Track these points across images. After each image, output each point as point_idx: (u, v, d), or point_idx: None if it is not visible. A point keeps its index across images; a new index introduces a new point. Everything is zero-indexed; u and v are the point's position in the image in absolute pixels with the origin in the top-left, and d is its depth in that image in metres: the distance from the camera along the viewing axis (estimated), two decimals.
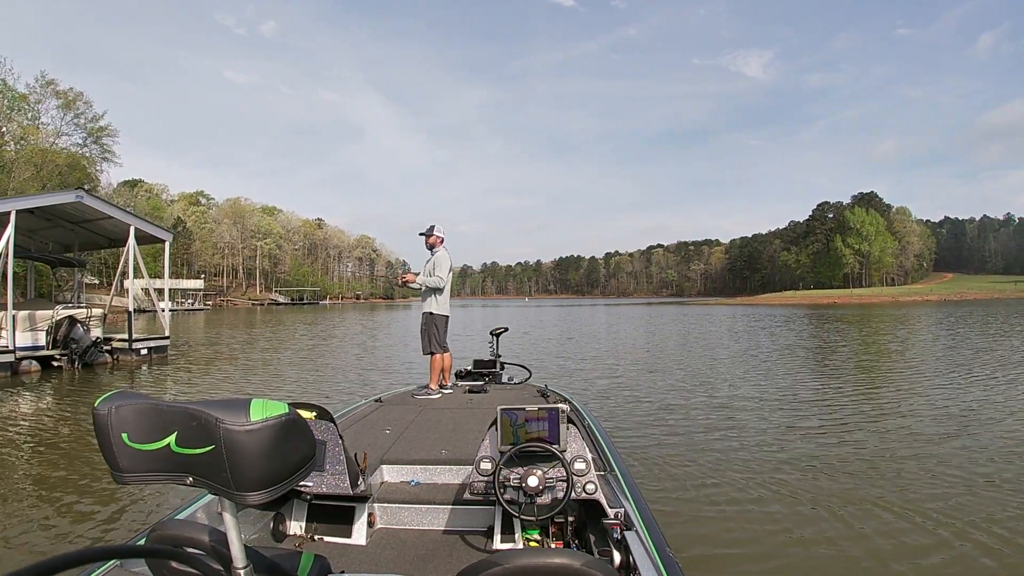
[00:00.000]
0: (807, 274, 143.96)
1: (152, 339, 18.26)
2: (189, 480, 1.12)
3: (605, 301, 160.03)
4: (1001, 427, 7.91)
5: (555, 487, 2.81)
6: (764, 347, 20.07)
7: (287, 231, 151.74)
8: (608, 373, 14.04)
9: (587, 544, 2.87)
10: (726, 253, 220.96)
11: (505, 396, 6.10)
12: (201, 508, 2.80)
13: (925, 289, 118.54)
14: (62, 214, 17.27)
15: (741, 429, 8.14)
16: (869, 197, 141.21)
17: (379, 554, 3.03)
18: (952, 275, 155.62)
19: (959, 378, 12.10)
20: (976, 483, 5.70)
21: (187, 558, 1.26)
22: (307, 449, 1.17)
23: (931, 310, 51.13)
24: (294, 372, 15.11)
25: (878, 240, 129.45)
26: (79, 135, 59.84)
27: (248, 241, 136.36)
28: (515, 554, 1.32)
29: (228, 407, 1.06)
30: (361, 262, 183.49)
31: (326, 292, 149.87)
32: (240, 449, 1.04)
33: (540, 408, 2.93)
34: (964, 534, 4.52)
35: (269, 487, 1.09)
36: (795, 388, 11.52)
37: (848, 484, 5.79)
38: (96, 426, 1.13)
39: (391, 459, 3.83)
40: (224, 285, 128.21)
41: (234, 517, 1.19)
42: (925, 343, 20.37)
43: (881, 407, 9.54)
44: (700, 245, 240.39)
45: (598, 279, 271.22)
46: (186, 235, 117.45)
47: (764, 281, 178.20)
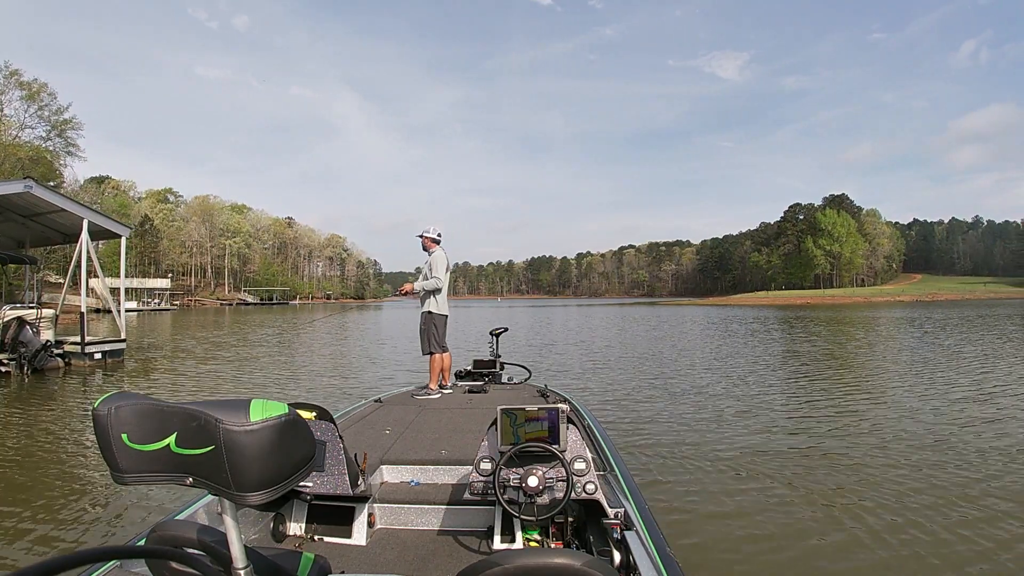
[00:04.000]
0: (778, 275, 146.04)
1: (107, 342, 16.93)
2: (189, 480, 1.12)
3: (577, 301, 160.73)
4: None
5: (555, 487, 2.82)
6: (757, 349, 19.80)
7: (256, 230, 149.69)
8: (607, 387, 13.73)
9: (587, 544, 2.89)
10: (697, 254, 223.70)
11: (505, 396, 6.11)
12: (201, 508, 2.78)
13: (896, 290, 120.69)
14: (11, 206, 16.23)
15: (741, 429, 8.16)
16: (840, 199, 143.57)
17: (379, 554, 3.03)
18: (920, 276, 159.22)
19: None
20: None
21: (187, 558, 1.26)
22: (307, 449, 1.17)
23: (915, 311, 50.80)
24: (258, 378, 14.24)
25: (849, 241, 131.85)
26: (43, 128, 58.24)
27: (217, 240, 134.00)
28: (515, 554, 1.32)
29: (228, 407, 1.07)
30: (332, 261, 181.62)
31: (296, 292, 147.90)
32: (240, 449, 1.05)
33: (540, 408, 2.93)
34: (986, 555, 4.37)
35: (269, 487, 1.09)
36: (795, 388, 11.55)
37: (848, 483, 5.82)
38: (96, 427, 1.13)
39: (391, 459, 3.82)
40: (192, 284, 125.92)
41: (234, 517, 1.19)
42: (939, 348, 19.00)
43: (884, 409, 9.47)
44: (671, 246, 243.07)
45: (570, 279, 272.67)
46: (153, 233, 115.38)
47: (735, 282, 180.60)
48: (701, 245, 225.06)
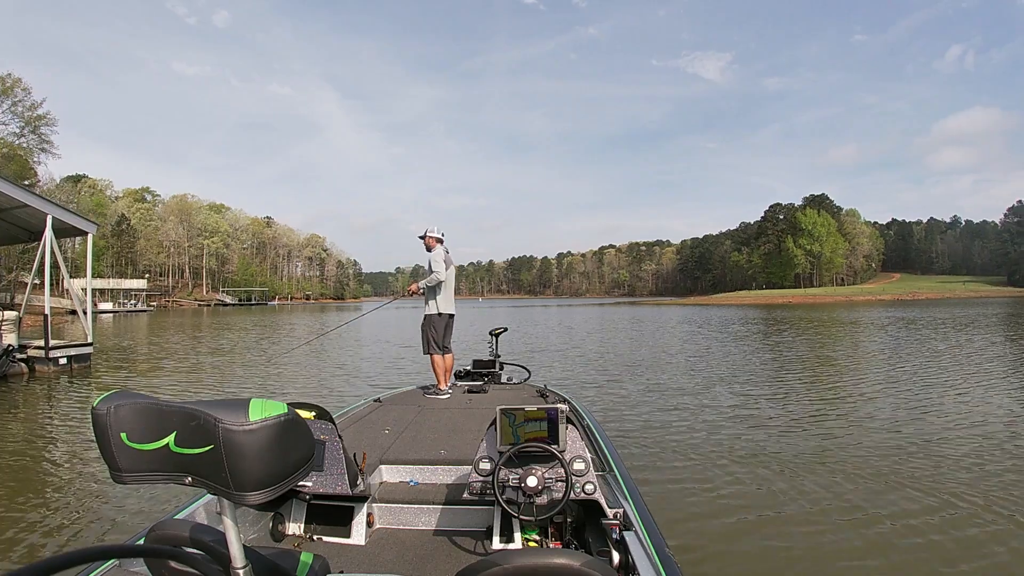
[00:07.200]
0: (759, 274, 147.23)
1: (72, 346, 16.01)
2: (188, 480, 1.12)
3: (558, 301, 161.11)
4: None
5: (554, 487, 2.82)
6: (752, 350, 19.50)
7: (235, 229, 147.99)
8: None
9: (586, 544, 2.90)
10: (677, 254, 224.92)
11: (504, 396, 6.11)
12: (200, 508, 2.77)
13: (877, 289, 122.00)
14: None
15: (741, 430, 8.14)
16: (820, 199, 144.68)
17: (378, 554, 3.03)
18: (899, 275, 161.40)
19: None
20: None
21: (186, 558, 1.26)
22: (306, 449, 1.17)
23: (899, 310, 51.17)
24: (233, 387, 13.50)
25: (829, 241, 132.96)
26: (16, 124, 56.70)
27: (195, 239, 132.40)
28: (514, 554, 1.33)
29: (227, 407, 1.07)
30: (311, 261, 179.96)
31: (275, 292, 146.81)
32: (239, 449, 1.04)
33: (539, 408, 2.93)
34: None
35: (268, 487, 1.09)
36: (795, 388, 11.56)
37: (848, 484, 5.82)
38: (95, 426, 1.13)
39: (390, 459, 3.80)
40: (170, 285, 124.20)
41: (233, 517, 1.19)
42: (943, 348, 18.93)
43: (883, 409, 9.39)
44: (652, 246, 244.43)
45: (550, 279, 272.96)
46: (130, 233, 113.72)
47: (715, 281, 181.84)
48: (681, 245, 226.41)
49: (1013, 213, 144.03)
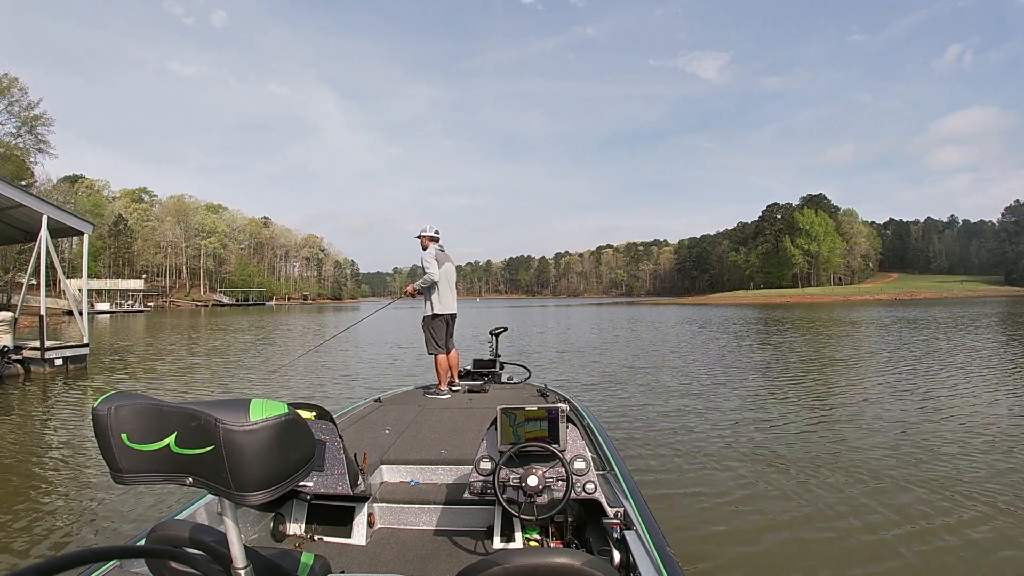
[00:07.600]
0: (756, 274, 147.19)
1: (68, 347, 15.90)
2: (189, 480, 1.12)
3: (555, 301, 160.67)
4: None
5: (554, 487, 2.82)
6: (753, 350, 19.39)
7: (232, 230, 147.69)
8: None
9: (587, 543, 2.89)
10: (675, 253, 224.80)
11: (504, 396, 6.12)
12: (201, 508, 2.78)
13: (875, 288, 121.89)
14: None
15: (741, 429, 8.12)
16: (818, 199, 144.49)
17: (379, 554, 3.03)
18: (896, 275, 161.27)
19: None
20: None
21: (187, 558, 1.26)
22: (307, 449, 1.17)
23: (899, 310, 50.72)
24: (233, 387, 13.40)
25: (826, 241, 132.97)
26: (13, 124, 56.58)
27: (192, 240, 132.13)
28: (515, 554, 1.33)
29: (228, 407, 1.07)
30: (308, 262, 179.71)
31: (272, 292, 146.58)
32: (240, 449, 1.04)
33: (540, 408, 2.93)
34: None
35: (269, 487, 1.09)
36: (795, 389, 11.49)
37: (849, 483, 5.79)
38: (96, 427, 1.13)
39: (391, 459, 3.80)
40: (167, 285, 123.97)
41: (233, 517, 1.19)
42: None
43: (885, 410, 9.26)
44: (649, 246, 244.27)
45: (548, 279, 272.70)
46: (127, 233, 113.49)
47: (712, 281, 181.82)
48: (679, 245, 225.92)
49: (1011, 213, 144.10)
